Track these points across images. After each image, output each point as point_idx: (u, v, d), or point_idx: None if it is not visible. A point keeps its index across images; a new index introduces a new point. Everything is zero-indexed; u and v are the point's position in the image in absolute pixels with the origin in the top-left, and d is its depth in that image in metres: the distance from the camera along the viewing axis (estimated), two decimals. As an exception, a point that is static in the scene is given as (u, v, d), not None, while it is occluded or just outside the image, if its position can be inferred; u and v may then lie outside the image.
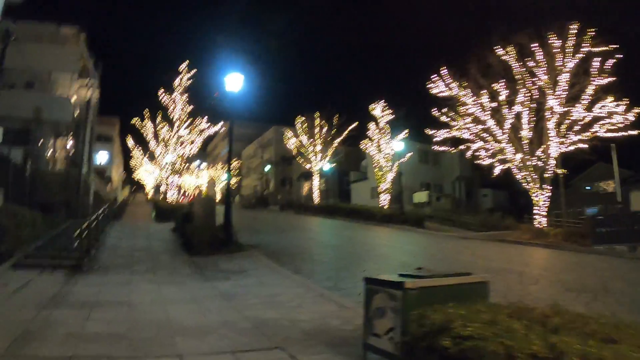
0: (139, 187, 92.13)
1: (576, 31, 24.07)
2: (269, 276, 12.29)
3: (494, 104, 26.78)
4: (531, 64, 25.28)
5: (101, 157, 58.47)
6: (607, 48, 23.26)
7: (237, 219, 18.71)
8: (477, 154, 28.67)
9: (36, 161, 25.16)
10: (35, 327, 6.89)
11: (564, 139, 24.91)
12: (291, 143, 52.95)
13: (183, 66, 41.65)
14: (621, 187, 34.02)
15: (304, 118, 51.20)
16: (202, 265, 13.87)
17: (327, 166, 51.77)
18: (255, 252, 16.66)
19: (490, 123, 27.04)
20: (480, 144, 28.05)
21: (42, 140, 27.70)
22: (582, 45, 23.94)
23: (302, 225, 32.02)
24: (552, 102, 24.96)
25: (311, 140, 51.31)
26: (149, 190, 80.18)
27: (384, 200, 42.66)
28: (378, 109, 43.74)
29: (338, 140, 49.98)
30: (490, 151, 27.88)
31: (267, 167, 67.37)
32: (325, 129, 50.24)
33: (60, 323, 7.16)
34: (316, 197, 51.23)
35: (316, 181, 51.73)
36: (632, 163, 41.77)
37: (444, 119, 29.06)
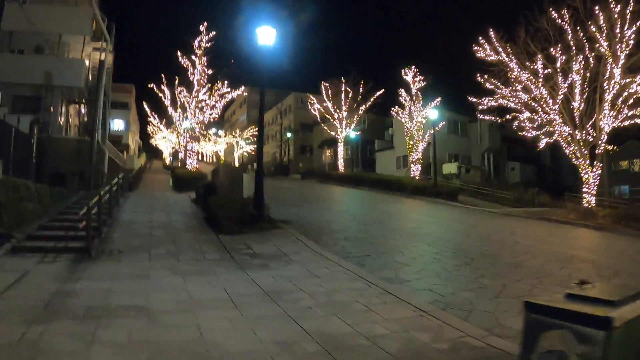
0: (156, 154, 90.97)
1: None
2: (314, 263, 10.19)
3: (545, 71, 25.01)
4: (589, 29, 23.36)
5: (117, 124, 58.06)
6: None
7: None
8: (522, 125, 27.06)
9: (46, 129, 23.98)
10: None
11: (618, 113, 23.33)
12: (315, 109, 50.89)
13: (202, 28, 39.33)
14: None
15: (328, 84, 49.14)
16: (233, 247, 11.72)
17: (353, 134, 49.71)
18: (290, 229, 14.65)
19: (540, 92, 25.27)
20: (527, 114, 26.36)
21: (53, 107, 26.10)
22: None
23: (330, 196, 30.36)
24: (610, 72, 23.25)
25: (336, 106, 49.21)
26: (166, 157, 79.06)
27: (415, 170, 40.75)
28: (410, 75, 41.57)
29: (364, 107, 47.70)
30: (537, 123, 26.33)
31: (289, 134, 65.08)
32: (350, 95, 47.86)
33: (52, 352, 5.05)
34: (341, 166, 49.28)
35: (341, 149, 49.77)
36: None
37: (488, 85, 27.09)
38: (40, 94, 25.10)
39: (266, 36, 15.53)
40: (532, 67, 25.15)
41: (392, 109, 42.97)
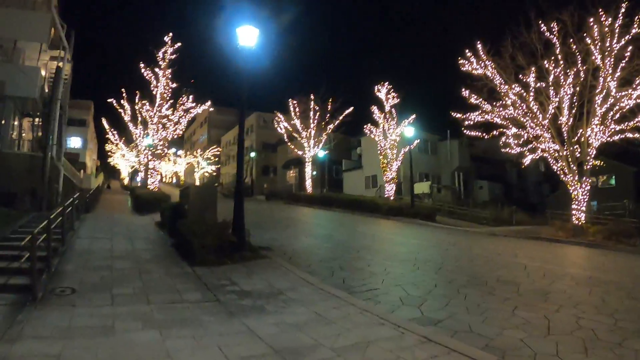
0: (114, 174, 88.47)
1: (623, 10, 22.21)
2: (320, 303, 8.27)
3: (537, 85, 24.51)
4: (581, 42, 23.23)
5: (74, 142, 56.52)
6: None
7: (226, 211, 14.84)
8: (507, 141, 26.49)
9: None
10: None
11: (606, 127, 22.99)
12: (282, 127, 49.16)
13: (167, 38, 37.31)
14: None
15: (296, 101, 47.48)
16: (214, 284, 9.59)
17: (321, 153, 48.00)
18: (275, 258, 12.72)
19: (529, 107, 24.81)
20: (514, 130, 25.83)
21: (4, 119, 24.32)
22: (632, 26, 22.10)
23: (303, 219, 28.39)
24: (604, 85, 22.84)
25: (304, 124, 47.60)
26: (125, 177, 76.98)
27: (390, 190, 39.11)
28: (383, 92, 40.20)
29: (333, 125, 46.02)
30: (522, 139, 25.87)
31: (252, 154, 63.22)
32: (318, 113, 46.17)
33: None
34: (308, 186, 47.47)
35: (308, 169, 47.86)
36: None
37: (473, 100, 26.52)
38: None
39: (248, 36, 13.54)
40: (524, 79, 24.47)
41: (365, 126, 41.33)
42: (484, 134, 27.13)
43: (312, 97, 46.29)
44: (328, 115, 45.90)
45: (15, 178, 22.39)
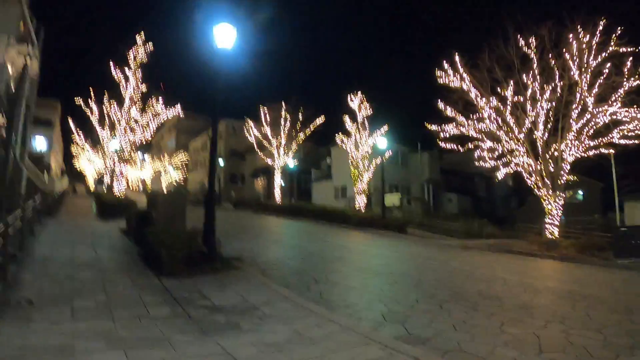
0: (79, 178, 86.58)
1: (601, 28, 22.22)
2: (299, 320, 7.66)
3: (515, 98, 24.37)
4: (560, 57, 23.10)
5: (39, 143, 54.58)
6: (635, 49, 21.55)
7: (193, 218, 14.44)
8: (481, 154, 26.23)
9: None
10: None
11: (580, 143, 22.87)
12: (251, 134, 48.48)
13: (138, 38, 36.52)
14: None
15: (266, 108, 46.88)
16: (184, 297, 8.96)
17: (291, 162, 47.43)
18: (248, 269, 12.09)
19: (501, 121, 24.77)
20: (489, 144, 25.54)
21: None
22: (608, 44, 22.11)
23: (273, 229, 27.93)
24: (577, 101, 22.84)
25: (274, 133, 46.95)
26: (90, 182, 75.50)
27: (360, 202, 38.51)
28: (356, 102, 39.78)
29: (303, 134, 45.42)
30: (497, 152, 25.61)
31: (221, 162, 62.35)
32: (289, 122, 45.59)
33: None
34: (277, 196, 46.78)
35: (278, 178, 47.22)
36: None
37: (449, 113, 26.21)
38: None
39: (225, 37, 12.92)
40: (502, 93, 24.33)
41: (336, 135, 40.94)
42: (459, 147, 26.81)
43: (283, 104, 45.67)
44: (299, 123, 45.38)
45: None
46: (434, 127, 26.82)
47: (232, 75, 14.75)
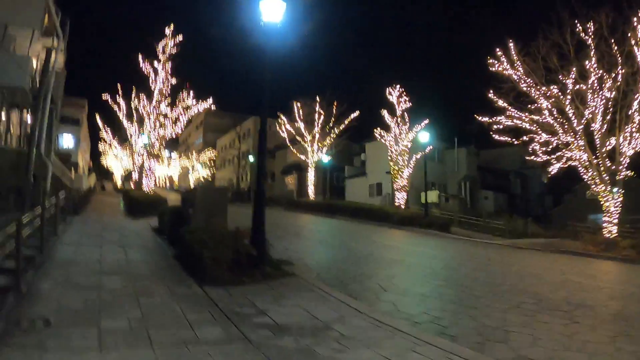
0: (107, 175, 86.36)
1: None
2: (386, 342, 6.11)
3: (576, 87, 22.61)
4: (616, 46, 21.35)
5: (66, 140, 54.63)
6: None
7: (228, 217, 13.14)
8: (534, 148, 24.67)
9: None
10: None
11: None
12: (284, 130, 47.17)
13: (168, 30, 35.22)
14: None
15: (299, 104, 45.18)
16: (236, 312, 7.25)
17: (325, 158, 45.70)
18: (302, 275, 10.40)
19: (558, 112, 23.21)
20: (544, 136, 23.96)
21: None
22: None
23: (311, 227, 26.33)
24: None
25: (307, 128, 45.35)
26: (118, 179, 75.17)
27: (400, 198, 37.04)
28: (394, 95, 38.04)
29: (337, 130, 43.65)
30: (551, 146, 24.05)
31: (251, 158, 60.86)
32: (322, 117, 43.80)
33: None
34: (311, 193, 45.23)
35: (311, 175, 45.60)
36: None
37: (501, 103, 24.68)
38: None
39: (273, 11, 11.12)
40: (562, 80, 22.61)
41: (375, 130, 39.08)
42: (513, 139, 25.16)
43: (317, 99, 43.94)
44: (333, 118, 43.62)
45: (0, 175, 20.44)
46: (485, 120, 25.33)
47: (281, 54, 12.86)
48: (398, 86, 38.19)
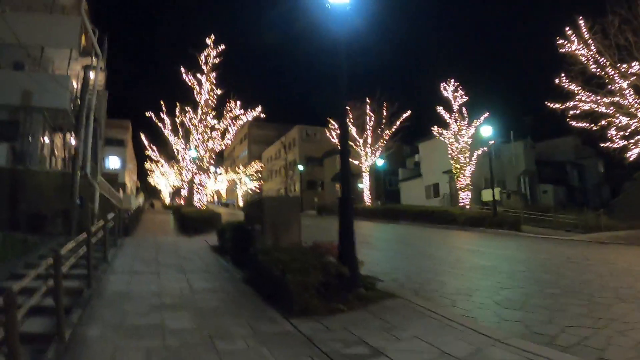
0: (154, 194, 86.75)
1: None
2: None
3: None
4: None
5: (113, 162, 54.86)
6: None
7: None
8: (609, 133, 23.21)
9: (24, 160, 21.00)
10: None
11: None
12: (333, 135, 45.03)
13: (209, 40, 34.38)
14: None
15: (348, 107, 43.36)
16: (346, 356, 5.46)
17: (380, 161, 43.84)
18: (404, 295, 8.45)
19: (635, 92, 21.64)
20: (624, 119, 22.32)
21: (33, 134, 22.24)
22: None
23: (377, 235, 24.54)
24: None
25: (358, 132, 43.29)
26: (165, 197, 75.40)
27: (465, 198, 35.03)
28: (450, 90, 36.15)
29: (389, 131, 41.77)
30: (629, 130, 22.39)
31: (300, 167, 59.45)
32: (373, 120, 41.85)
33: None
34: (367, 198, 43.38)
35: (366, 179, 43.74)
36: None
37: (573, 87, 23.41)
38: (18, 118, 21.44)
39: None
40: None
41: (432, 128, 36.94)
42: (591, 125, 23.35)
43: (367, 100, 42.01)
44: (384, 120, 41.63)
45: (46, 198, 19.80)
46: (557, 106, 23.88)
47: (353, 39, 10.99)
48: (452, 80, 36.12)
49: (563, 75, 23.09)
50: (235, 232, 12.94)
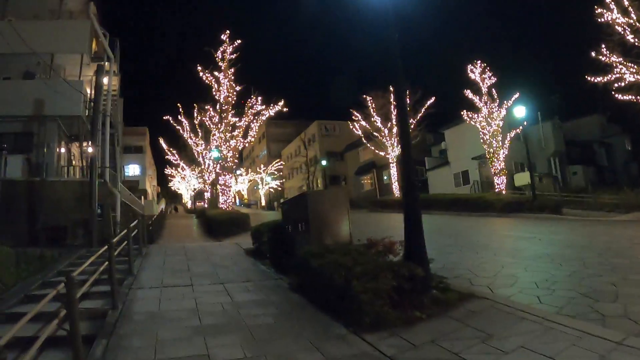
0: (175, 198, 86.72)
1: None
2: None
3: None
4: None
5: (132, 169, 55.71)
6: None
7: None
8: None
9: (40, 170, 20.71)
10: None
11: None
12: (357, 127, 44.32)
13: (224, 36, 33.59)
14: None
15: (370, 97, 42.06)
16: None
17: (408, 151, 42.52)
18: (484, 295, 7.28)
19: None
20: None
21: (48, 143, 21.84)
22: None
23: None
24: None
25: (383, 122, 42.05)
26: (187, 201, 75.44)
27: (500, 184, 34.29)
28: (477, 72, 34.98)
29: (415, 120, 40.32)
30: None
31: (323, 162, 58.59)
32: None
33: None
34: (396, 189, 42.01)
35: (394, 170, 42.52)
36: None
37: (614, 59, 22.46)
38: (32, 128, 21.42)
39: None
40: None
41: (462, 112, 35.65)
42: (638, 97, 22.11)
43: (391, 89, 40.71)
44: (408, 108, 40.21)
45: (65, 209, 19.48)
46: (597, 79, 22.99)
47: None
48: (479, 62, 34.82)
49: (603, 46, 22.11)
50: (274, 233, 11.67)
